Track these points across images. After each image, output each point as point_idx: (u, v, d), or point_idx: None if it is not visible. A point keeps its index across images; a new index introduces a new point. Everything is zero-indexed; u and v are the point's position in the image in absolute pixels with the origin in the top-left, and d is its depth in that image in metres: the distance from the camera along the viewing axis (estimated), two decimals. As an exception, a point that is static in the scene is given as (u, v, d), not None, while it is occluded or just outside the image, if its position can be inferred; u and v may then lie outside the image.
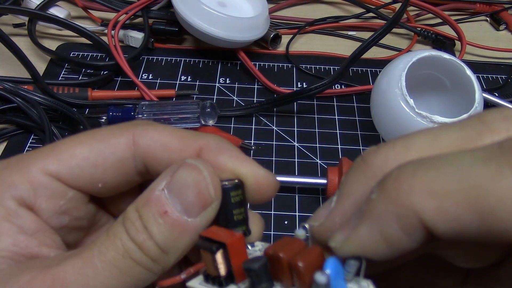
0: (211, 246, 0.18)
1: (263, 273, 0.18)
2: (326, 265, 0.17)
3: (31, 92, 0.46)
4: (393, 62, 0.43)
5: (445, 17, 0.59)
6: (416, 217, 0.15)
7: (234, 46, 0.54)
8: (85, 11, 0.59)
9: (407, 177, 0.15)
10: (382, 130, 0.44)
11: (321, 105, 0.51)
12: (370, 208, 0.16)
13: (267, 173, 0.21)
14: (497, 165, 0.14)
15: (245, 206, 0.20)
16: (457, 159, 0.15)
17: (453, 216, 0.14)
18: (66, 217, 0.21)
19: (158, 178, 0.19)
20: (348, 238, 0.17)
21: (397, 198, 0.15)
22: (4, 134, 0.45)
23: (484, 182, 0.14)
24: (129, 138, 0.21)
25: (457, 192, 0.14)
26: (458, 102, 0.44)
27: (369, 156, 0.17)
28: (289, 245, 0.18)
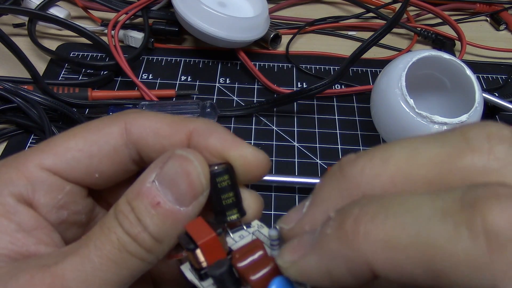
0: (188, 245, 0.19)
1: (226, 279, 0.18)
2: (271, 284, 0.17)
3: (31, 92, 0.46)
4: (393, 62, 0.43)
5: (445, 17, 0.59)
6: (366, 265, 0.14)
7: (234, 46, 0.54)
8: (85, 11, 0.59)
9: (366, 221, 0.14)
10: (382, 130, 0.44)
11: (321, 105, 0.51)
12: (324, 242, 0.16)
13: (257, 151, 0.21)
14: (454, 223, 0.13)
15: (235, 189, 0.21)
16: (416, 208, 0.14)
17: (405, 271, 0.14)
18: (64, 211, 0.22)
19: (147, 170, 0.20)
20: (296, 262, 0.17)
21: (351, 243, 0.15)
22: (4, 134, 0.45)
23: (439, 242, 0.13)
24: (121, 127, 0.22)
25: (411, 247, 0.14)
26: (458, 102, 0.44)
27: (346, 166, 0.17)
28: (250, 252, 0.19)
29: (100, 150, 0.21)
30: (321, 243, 0.16)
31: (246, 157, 0.21)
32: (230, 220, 0.21)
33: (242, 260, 0.18)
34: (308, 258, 0.16)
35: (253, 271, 0.18)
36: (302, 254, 0.16)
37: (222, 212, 0.21)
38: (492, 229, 0.12)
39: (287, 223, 0.18)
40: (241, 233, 0.21)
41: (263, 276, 0.18)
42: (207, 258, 0.19)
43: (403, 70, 0.41)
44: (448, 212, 0.13)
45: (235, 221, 0.21)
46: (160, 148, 0.21)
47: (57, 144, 0.21)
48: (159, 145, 0.22)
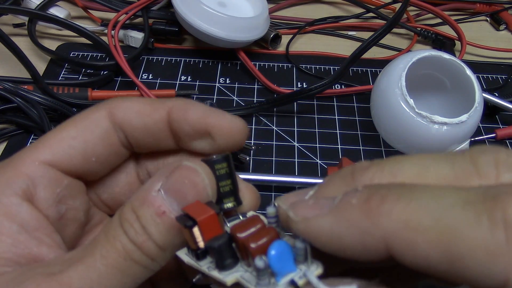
0: (185, 222, 0.19)
1: (225, 251, 0.19)
2: (271, 247, 0.17)
3: (31, 92, 0.46)
4: (393, 62, 0.43)
5: (445, 17, 0.59)
6: (383, 242, 0.15)
7: (234, 46, 0.54)
8: (85, 11, 0.59)
9: (392, 200, 0.15)
10: (382, 130, 0.44)
11: (321, 105, 0.51)
12: (345, 209, 0.16)
13: (234, 118, 0.22)
14: (476, 212, 0.13)
15: (232, 178, 0.21)
16: (441, 196, 0.14)
17: (421, 254, 0.14)
18: (63, 206, 0.22)
19: (153, 179, 0.20)
20: (308, 219, 0.17)
21: (374, 217, 0.15)
22: (4, 134, 0.45)
23: (459, 228, 0.14)
24: (107, 111, 0.23)
25: (431, 230, 0.14)
26: (458, 102, 0.44)
27: (358, 171, 0.18)
28: (250, 224, 0.19)
29: (92, 134, 0.22)
30: (342, 210, 0.16)
31: (223, 124, 0.22)
32: (226, 207, 0.21)
33: (242, 232, 0.18)
34: (323, 219, 0.16)
35: (253, 240, 0.18)
36: (317, 214, 0.17)
37: (219, 199, 0.21)
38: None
39: (286, 204, 0.18)
40: (237, 222, 0.21)
41: (263, 244, 0.18)
42: (205, 235, 0.19)
43: (403, 70, 0.41)
44: (471, 201, 0.14)
45: (231, 209, 0.21)
46: (143, 126, 0.23)
47: (50, 138, 0.22)
48: (142, 124, 0.23)
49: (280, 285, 0.17)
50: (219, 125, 0.22)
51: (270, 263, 0.17)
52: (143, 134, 0.23)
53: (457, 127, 0.40)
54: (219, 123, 0.22)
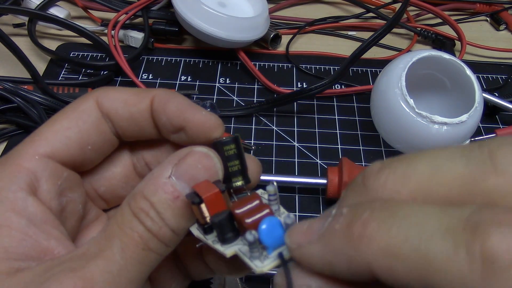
0: (193, 199, 0.20)
1: (226, 225, 0.20)
2: (261, 223, 0.19)
3: (31, 92, 0.46)
4: (393, 62, 0.43)
5: (445, 17, 0.59)
6: (366, 267, 0.15)
7: (234, 46, 0.54)
8: (85, 11, 0.59)
9: (373, 227, 0.15)
10: (382, 130, 0.44)
11: (321, 105, 0.51)
12: (330, 236, 0.16)
13: (209, 114, 0.23)
14: (455, 244, 0.13)
15: (240, 158, 0.23)
16: (422, 222, 0.14)
17: (401, 280, 0.14)
18: (64, 198, 0.22)
19: (161, 167, 0.21)
20: (301, 246, 0.17)
21: (355, 245, 0.15)
22: (4, 134, 0.45)
23: (437, 259, 0.13)
24: (95, 101, 0.23)
25: (410, 260, 0.14)
26: (458, 102, 0.44)
27: (369, 177, 0.17)
28: (248, 201, 0.20)
29: (86, 123, 0.23)
30: (327, 236, 0.16)
31: (198, 119, 0.23)
32: (235, 186, 0.22)
33: (240, 208, 0.20)
34: (313, 246, 0.17)
35: (248, 216, 0.20)
36: (309, 240, 0.17)
37: (228, 178, 0.22)
38: (489, 255, 0.13)
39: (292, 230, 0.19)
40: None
41: (256, 219, 0.19)
42: (211, 211, 0.20)
43: (403, 70, 0.41)
44: (451, 230, 0.14)
45: (240, 187, 0.23)
46: (128, 115, 0.23)
47: (45, 131, 0.22)
48: (127, 113, 0.23)
49: (270, 257, 0.19)
50: (193, 121, 0.23)
51: (260, 237, 0.19)
52: (128, 123, 0.23)
53: (457, 127, 0.40)
54: (194, 119, 0.23)
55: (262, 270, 0.19)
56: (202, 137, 0.23)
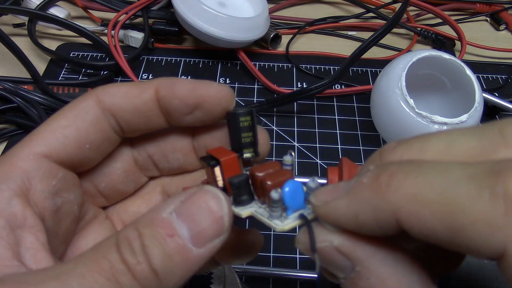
0: (209, 162, 0.21)
1: (243, 188, 0.21)
2: (285, 184, 0.19)
3: (31, 92, 0.46)
4: (393, 62, 0.43)
5: (445, 17, 0.59)
6: (393, 215, 0.15)
7: (234, 46, 0.54)
8: (85, 11, 0.59)
9: (400, 177, 0.16)
10: (382, 130, 0.44)
11: (321, 105, 0.51)
12: (357, 189, 0.17)
13: (220, 86, 0.23)
14: (478, 186, 0.14)
15: (253, 131, 0.23)
16: (447, 171, 0.15)
17: (427, 225, 0.15)
18: (59, 198, 0.22)
19: (166, 202, 0.19)
20: (327, 202, 0.18)
21: (383, 193, 0.16)
22: (4, 134, 0.45)
23: (462, 201, 0.14)
24: (94, 99, 0.23)
25: (436, 203, 0.14)
26: (458, 102, 0.44)
27: (386, 152, 0.18)
28: (268, 167, 0.21)
29: (84, 122, 0.22)
30: (355, 190, 0.17)
31: (213, 91, 0.23)
32: (245, 157, 0.23)
33: (261, 171, 0.20)
34: (340, 200, 0.17)
35: (270, 178, 0.20)
36: (335, 197, 0.17)
37: (240, 149, 0.23)
38: (511, 194, 0.13)
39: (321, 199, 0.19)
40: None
41: (278, 182, 0.20)
42: (226, 175, 0.21)
43: (403, 70, 0.41)
44: (475, 176, 0.14)
45: (249, 159, 0.23)
46: (132, 108, 0.23)
47: (43, 130, 0.22)
48: (131, 106, 0.23)
49: (290, 218, 0.20)
50: (208, 95, 0.23)
51: (283, 197, 0.19)
52: (133, 116, 0.23)
53: (457, 127, 0.40)
54: (208, 93, 0.23)
55: (283, 229, 0.19)
56: (218, 109, 0.23)
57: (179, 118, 0.24)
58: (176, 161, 0.26)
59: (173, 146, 0.26)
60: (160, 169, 0.27)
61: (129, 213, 0.27)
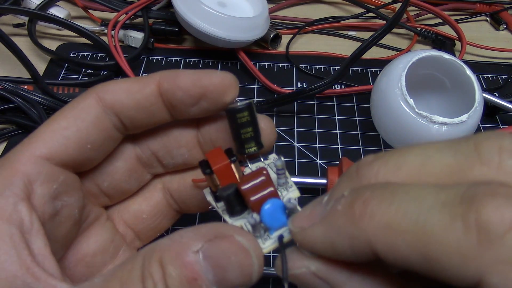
0: (205, 169, 0.21)
1: (233, 200, 0.21)
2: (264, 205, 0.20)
3: (31, 92, 0.46)
4: (393, 62, 0.43)
5: (445, 17, 0.59)
6: (368, 244, 0.15)
7: (234, 46, 0.54)
8: (85, 11, 0.59)
9: (373, 205, 0.15)
10: (382, 130, 0.44)
11: (321, 105, 0.51)
12: (332, 217, 0.17)
13: (223, 73, 0.23)
14: (451, 215, 0.14)
15: (253, 125, 0.23)
16: (420, 198, 0.15)
17: (402, 254, 0.15)
18: (59, 202, 0.22)
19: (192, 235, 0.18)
20: (304, 229, 0.18)
21: (357, 222, 0.16)
22: (4, 134, 0.45)
23: (435, 230, 0.14)
24: (95, 97, 0.23)
25: (409, 233, 0.14)
26: (458, 102, 0.44)
27: (363, 167, 0.18)
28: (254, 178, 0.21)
29: (84, 122, 0.22)
30: (330, 217, 0.17)
31: (216, 80, 0.22)
32: (248, 152, 0.23)
33: (245, 184, 0.20)
34: (316, 228, 0.17)
35: (253, 193, 0.20)
36: (311, 223, 0.17)
37: (241, 145, 0.23)
38: (484, 224, 0.13)
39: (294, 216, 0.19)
40: (259, 164, 0.23)
41: (261, 197, 0.20)
42: (221, 181, 0.21)
43: (403, 70, 0.41)
44: (448, 204, 0.14)
45: (253, 153, 0.23)
46: (135, 103, 0.23)
47: (43, 131, 0.22)
48: (133, 101, 0.23)
49: (272, 238, 0.20)
50: (212, 84, 0.22)
51: (262, 219, 0.20)
52: (136, 111, 0.23)
53: (457, 127, 0.40)
54: (212, 82, 0.22)
55: (263, 251, 0.19)
56: (223, 97, 0.23)
57: (184, 110, 0.23)
58: (180, 156, 0.26)
59: (177, 141, 0.26)
60: (165, 166, 0.27)
61: (131, 212, 0.27)
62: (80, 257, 0.24)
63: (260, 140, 0.23)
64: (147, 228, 0.28)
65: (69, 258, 0.24)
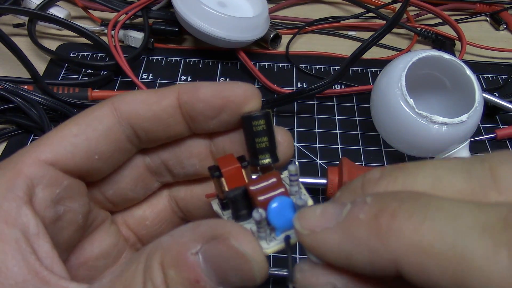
0: (213, 172, 0.20)
1: (239, 202, 0.19)
2: (271, 202, 0.18)
3: (31, 92, 0.46)
4: (393, 62, 0.43)
5: (445, 17, 0.59)
6: (392, 262, 0.14)
7: (234, 46, 0.54)
8: (85, 11, 0.59)
9: (402, 220, 0.14)
10: (382, 130, 0.44)
11: (321, 105, 0.51)
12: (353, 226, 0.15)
13: (244, 85, 0.22)
14: (495, 242, 0.12)
15: (269, 135, 0.21)
16: (457, 216, 0.13)
17: (432, 278, 0.13)
18: (61, 207, 0.21)
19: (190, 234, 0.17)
20: (315, 233, 0.16)
21: (384, 238, 0.14)
22: (4, 134, 0.45)
23: (475, 258, 0.13)
24: (110, 107, 0.22)
25: (445, 256, 0.13)
26: (458, 102, 0.44)
27: (369, 185, 0.16)
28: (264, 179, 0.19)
29: (95, 131, 0.22)
30: (349, 225, 0.15)
31: (238, 92, 0.21)
32: (261, 163, 0.21)
33: (255, 185, 0.19)
34: (331, 234, 0.15)
35: (262, 193, 0.18)
36: (324, 228, 0.16)
37: (255, 155, 0.21)
38: None
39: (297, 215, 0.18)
40: None
41: (270, 197, 0.18)
42: (229, 186, 0.20)
43: (403, 70, 0.41)
44: (489, 228, 0.13)
45: (266, 165, 0.21)
46: (152, 115, 0.22)
47: (51, 136, 0.21)
48: (150, 112, 0.22)
49: (277, 239, 0.18)
50: (234, 95, 0.21)
51: (268, 217, 0.18)
52: (152, 123, 0.22)
53: (457, 127, 0.40)
54: (234, 93, 0.21)
55: (266, 252, 0.18)
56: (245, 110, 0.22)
57: (204, 122, 0.22)
58: (191, 166, 0.25)
59: (189, 151, 0.24)
60: (175, 175, 0.25)
61: (135, 217, 0.27)
62: (83, 260, 0.24)
63: (276, 152, 0.22)
64: (150, 234, 0.27)
65: (72, 262, 0.24)
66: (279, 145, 0.22)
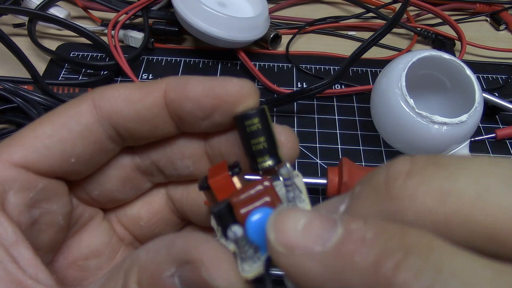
0: (202, 184, 0.18)
1: (226, 217, 0.17)
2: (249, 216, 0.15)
3: (31, 92, 0.46)
4: (393, 62, 0.43)
5: (445, 17, 0.59)
6: None
7: (234, 46, 0.54)
8: (85, 11, 0.59)
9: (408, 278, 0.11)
10: (382, 130, 0.44)
11: (321, 105, 0.51)
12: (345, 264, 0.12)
13: (240, 81, 0.19)
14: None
15: (266, 134, 0.19)
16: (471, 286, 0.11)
17: None
18: (37, 210, 0.20)
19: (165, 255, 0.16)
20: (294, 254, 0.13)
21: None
22: (4, 134, 0.45)
23: None
24: (90, 104, 0.20)
25: None
26: (458, 102, 0.44)
27: (395, 183, 0.13)
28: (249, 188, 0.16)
29: (71, 132, 0.20)
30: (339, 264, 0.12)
31: (232, 89, 0.19)
32: (261, 167, 0.19)
33: (238, 195, 0.16)
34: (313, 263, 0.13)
35: (244, 204, 0.16)
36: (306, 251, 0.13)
37: (253, 159, 0.19)
38: None
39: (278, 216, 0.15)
40: (276, 183, 0.18)
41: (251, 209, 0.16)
42: (219, 198, 0.17)
43: (403, 70, 0.41)
44: None
45: (268, 168, 0.19)
46: (135, 114, 0.20)
47: (23, 135, 0.20)
48: (133, 111, 0.20)
49: (261, 259, 0.15)
50: (227, 94, 0.19)
51: (247, 234, 0.15)
52: (136, 123, 0.20)
53: (457, 127, 0.40)
54: (227, 91, 0.19)
55: (246, 278, 0.15)
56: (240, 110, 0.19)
57: (193, 124, 0.20)
58: (185, 168, 0.23)
59: (181, 152, 0.22)
60: (167, 176, 0.23)
61: (128, 216, 0.25)
62: (71, 260, 0.22)
63: (277, 152, 0.19)
64: (146, 235, 0.25)
65: (60, 261, 0.22)
66: (283, 145, 0.20)
